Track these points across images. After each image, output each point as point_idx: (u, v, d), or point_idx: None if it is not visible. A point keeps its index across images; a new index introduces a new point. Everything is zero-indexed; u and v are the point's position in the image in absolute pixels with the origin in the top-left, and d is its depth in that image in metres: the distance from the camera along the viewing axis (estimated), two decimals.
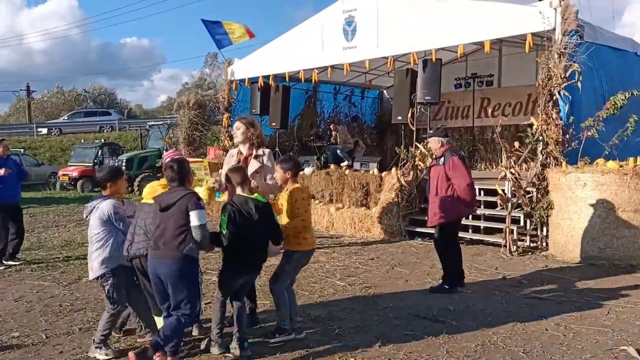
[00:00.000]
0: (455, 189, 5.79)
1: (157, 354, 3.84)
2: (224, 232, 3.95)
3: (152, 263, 3.87)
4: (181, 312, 3.84)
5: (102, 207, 4.28)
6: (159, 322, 4.21)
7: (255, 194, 4.16)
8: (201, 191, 5.36)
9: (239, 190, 4.14)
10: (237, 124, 5.00)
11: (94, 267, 4.28)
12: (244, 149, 4.99)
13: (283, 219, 4.37)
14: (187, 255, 3.79)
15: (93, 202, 4.39)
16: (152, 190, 4.32)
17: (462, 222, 6.96)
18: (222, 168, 5.20)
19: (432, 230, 8.49)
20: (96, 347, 4.22)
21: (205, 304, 5.19)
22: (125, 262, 4.22)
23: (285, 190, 4.44)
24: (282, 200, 4.39)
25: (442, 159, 5.91)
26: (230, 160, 5.02)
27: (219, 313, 4.17)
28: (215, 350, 4.14)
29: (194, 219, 3.76)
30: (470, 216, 8.20)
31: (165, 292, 3.88)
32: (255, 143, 4.93)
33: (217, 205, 12.24)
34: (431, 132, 6.36)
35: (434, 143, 6.11)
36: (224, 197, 12.21)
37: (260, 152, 4.92)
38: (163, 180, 4.32)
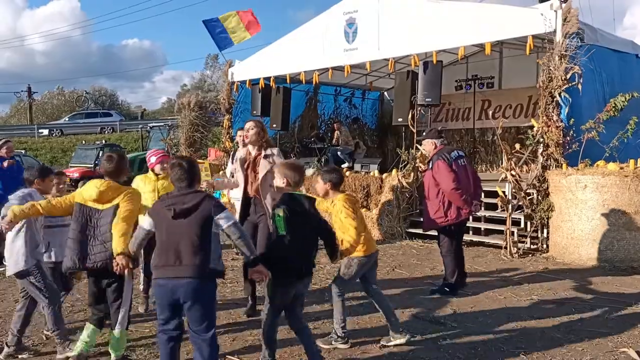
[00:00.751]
0: (444, 193, 5.73)
1: None
2: (285, 234, 3.55)
3: (165, 285, 3.29)
4: (201, 338, 3.33)
5: (12, 197, 4.14)
6: (87, 328, 3.99)
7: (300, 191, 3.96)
8: None
9: (288, 189, 3.75)
10: (251, 124, 5.13)
11: (18, 262, 4.13)
12: (252, 150, 5.15)
13: (337, 231, 4.25)
14: (213, 270, 3.32)
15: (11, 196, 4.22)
16: (94, 192, 3.87)
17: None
18: (225, 168, 5.34)
19: (432, 232, 8.49)
20: (64, 348, 4.15)
21: None
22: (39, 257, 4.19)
23: (331, 203, 4.34)
24: (333, 211, 4.32)
25: (431, 162, 5.89)
26: (240, 161, 5.16)
27: (273, 335, 3.82)
28: None
29: (225, 221, 3.30)
30: (470, 218, 8.20)
31: (175, 309, 3.35)
32: (264, 145, 5.11)
33: None
34: (424, 134, 6.28)
35: (428, 145, 6.04)
36: (224, 199, 12.24)
37: (269, 151, 5.09)
38: (103, 182, 3.92)
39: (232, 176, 6.58)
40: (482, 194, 6.53)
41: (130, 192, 3.96)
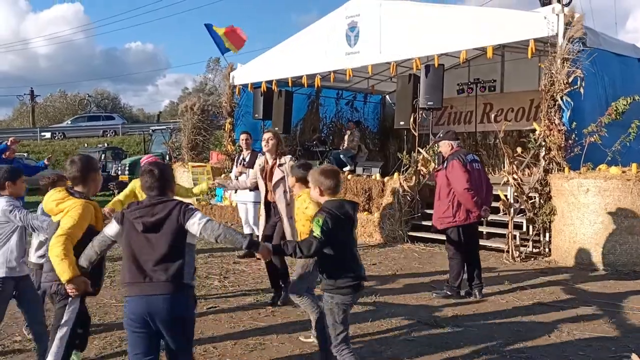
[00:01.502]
0: (455, 194, 5.73)
1: None
2: (318, 236, 3.28)
3: (137, 302, 2.94)
4: None
5: None
6: None
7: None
8: (201, 186, 5.92)
9: (327, 196, 3.52)
10: (270, 135, 5.61)
11: None
12: (270, 158, 5.61)
13: (299, 225, 4.27)
14: (189, 285, 3.05)
15: None
16: (44, 202, 3.57)
17: None
18: (227, 171, 5.62)
19: (433, 236, 8.47)
20: None
21: None
22: (15, 273, 3.91)
23: (298, 196, 4.35)
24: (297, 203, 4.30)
25: (446, 163, 5.92)
26: (259, 169, 5.71)
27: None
28: None
29: (197, 225, 2.97)
30: None
31: (151, 341, 2.98)
32: (280, 155, 5.59)
33: (219, 209, 12.24)
34: (441, 135, 6.28)
35: (445, 146, 6.04)
36: (226, 202, 12.15)
37: (282, 160, 5.53)
38: (56, 193, 3.54)
39: (237, 179, 6.90)
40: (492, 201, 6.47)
41: (75, 205, 3.41)
